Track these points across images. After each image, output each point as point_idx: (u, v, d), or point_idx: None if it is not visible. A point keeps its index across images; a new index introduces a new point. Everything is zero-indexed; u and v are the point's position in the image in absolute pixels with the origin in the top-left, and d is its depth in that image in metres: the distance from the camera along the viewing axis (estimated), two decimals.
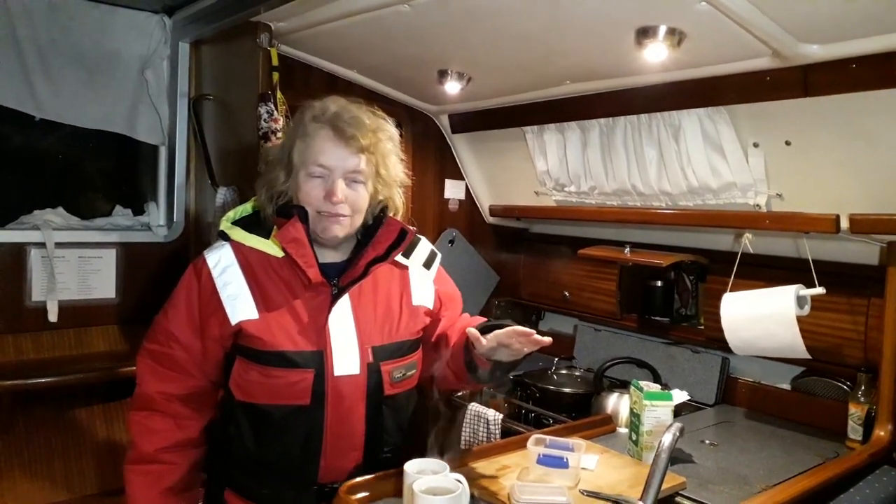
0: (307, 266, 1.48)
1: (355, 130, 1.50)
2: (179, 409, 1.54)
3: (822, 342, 2.17)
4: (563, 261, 3.12)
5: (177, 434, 1.54)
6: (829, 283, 2.05)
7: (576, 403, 2.59)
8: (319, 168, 1.50)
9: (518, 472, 1.65)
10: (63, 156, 2.97)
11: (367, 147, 1.52)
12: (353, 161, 1.51)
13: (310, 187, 1.51)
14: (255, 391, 1.49)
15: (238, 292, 1.50)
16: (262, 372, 1.48)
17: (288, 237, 1.49)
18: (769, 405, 2.40)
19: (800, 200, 2.12)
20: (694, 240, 2.63)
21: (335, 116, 1.51)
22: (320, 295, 1.52)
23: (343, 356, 1.50)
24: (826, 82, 1.83)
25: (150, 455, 1.52)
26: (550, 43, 2.09)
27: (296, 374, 1.47)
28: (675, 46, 1.83)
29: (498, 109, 2.83)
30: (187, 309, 1.54)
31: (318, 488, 1.53)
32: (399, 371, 1.57)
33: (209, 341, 1.53)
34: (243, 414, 1.52)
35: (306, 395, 1.47)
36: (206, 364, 1.55)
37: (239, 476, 1.57)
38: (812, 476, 1.77)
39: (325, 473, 1.52)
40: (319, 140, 1.50)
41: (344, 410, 1.50)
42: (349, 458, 1.54)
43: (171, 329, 1.54)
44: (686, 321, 2.74)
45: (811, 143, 2.00)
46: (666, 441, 1.41)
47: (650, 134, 2.39)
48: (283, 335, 1.48)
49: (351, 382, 1.50)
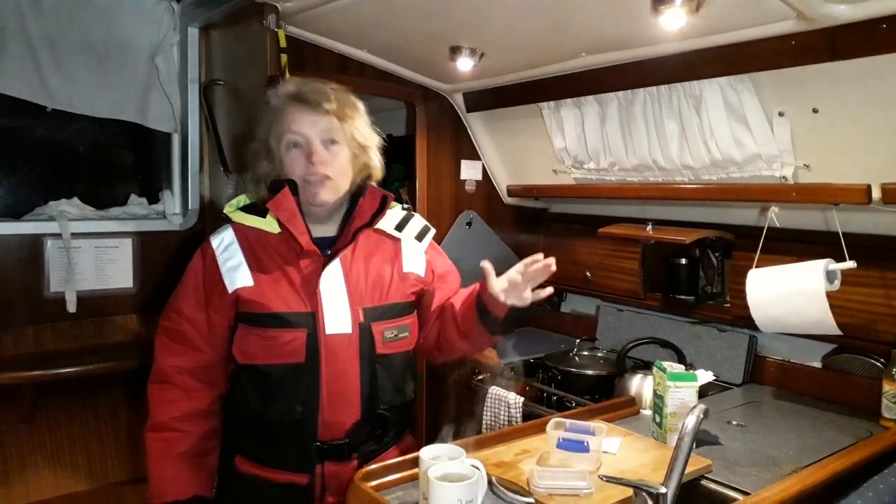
0: (299, 233, 1.61)
1: (317, 97, 1.62)
2: (189, 382, 1.65)
3: (854, 318, 2.10)
4: (583, 240, 3.06)
5: (187, 404, 1.65)
6: (860, 257, 1.99)
7: (598, 385, 2.55)
8: (294, 136, 1.62)
9: (538, 456, 1.62)
10: (77, 146, 2.97)
11: (333, 111, 1.62)
12: (323, 122, 1.62)
13: (291, 158, 1.63)
14: (255, 352, 1.60)
15: (237, 264, 1.63)
16: (259, 334, 1.59)
17: (280, 206, 1.61)
18: (799, 384, 2.33)
19: (828, 171, 2.04)
20: (718, 215, 2.55)
21: (297, 90, 1.64)
22: (313, 262, 1.63)
23: (334, 316, 1.60)
24: (854, 45, 1.75)
25: (163, 423, 1.63)
26: (564, 13, 2.03)
27: (290, 333, 1.58)
28: (693, 12, 1.76)
29: (512, 86, 2.77)
30: (194, 287, 1.66)
31: (318, 446, 1.61)
32: (391, 331, 1.67)
33: (213, 313, 1.64)
34: (247, 377, 1.63)
35: (300, 353, 1.58)
36: (213, 337, 1.66)
37: (246, 441, 1.68)
38: (845, 457, 1.71)
39: (325, 430, 1.61)
40: (288, 113, 1.63)
41: (339, 368, 1.59)
42: (347, 414, 1.61)
43: (179, 306, 1.66)
44: (711, 299, 2.67)
45: (840, 109, 1.92)
46: (689, 423, 1.37)
47: (670, 106, 2.32)
48: (276, 298, 1.59)
49: (343, 340, 1.60)
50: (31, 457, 2.59)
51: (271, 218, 1.65)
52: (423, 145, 3.03)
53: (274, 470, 1.63)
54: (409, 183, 3.08)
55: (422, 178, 3.03)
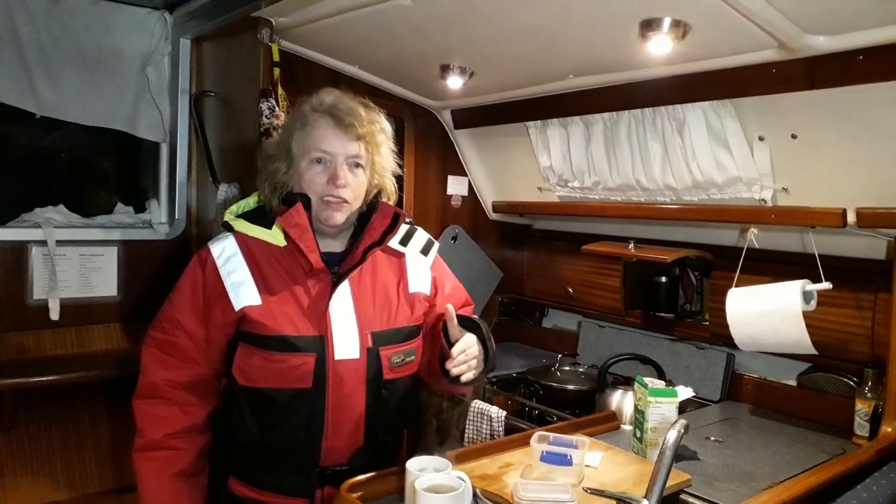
0: (309, 251, 1.52)
1: (353, 119, 1.55)
2: (184, 396, 1.57)
3: (829, 338, 2.15)
4: (566, 257, 3.10)
5: (183, 420, 1.57)
6: (835, 278, 2.03)
7: (580, 400, 2.57)
8: (322, 154, 1.55)
9: (521, 469, 1.63)
10: (64, 153, 2.96)
11: (364, 135, 1.57)
12: (354, 147, 1.56)
13: (313, 174, 1.56)
14: (258, 375, 1.53)
15: (242, 279, 1.54)
16: (264, 356, 1.51)
17: (291, 222, 1.53)
18: (775, 401, 2.38)
19: (806, 194, 2.10)
20: (699, 235, 2.61)
21: (333, 106, 1.57)
22: (321, 282, 1.56)
23: (343, 341, 1.54)
24: (833, 74, 1.81)
25: (158, 441, 1.55)
26: (553, 36, 2.07)
27: (297, 357, 1.51)
28: (679, 39, 1.82)
29: (500, 104, 2.82)
30: (192, 298, 1.57)
31: (319, 471, 1.56)
32: (398, 356, 1.61)
33: (213, 328, 1.56)
34: (246, 399, 1.55)
35: (308, 378, 1.51)
36: (210, 352, 1.58)
37: (242, 463, 1.61)
38: (818, 473, 1.75)
39: (327, 456, 1.56)
40: (320, 128, 1.56)
41: (345, 394, 1.54)
42: (350, 440, 1.57)
43: (176, 317, 1.57)
44: (691, 317, 2.72)
45: (818, 136, 1.98)
46: (670, 438, 1.39)
47: (654, 128, 2.37)
48: (285, 320, 1.52)
49: (351, 366, 1.54)
50: (8, 465, 2.55)
51: (277, 230, 1.56)
52: (410, 160, 3.06)
53: (271, 494, 1.57)
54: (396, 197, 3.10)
55: (408, 192, 3.06)
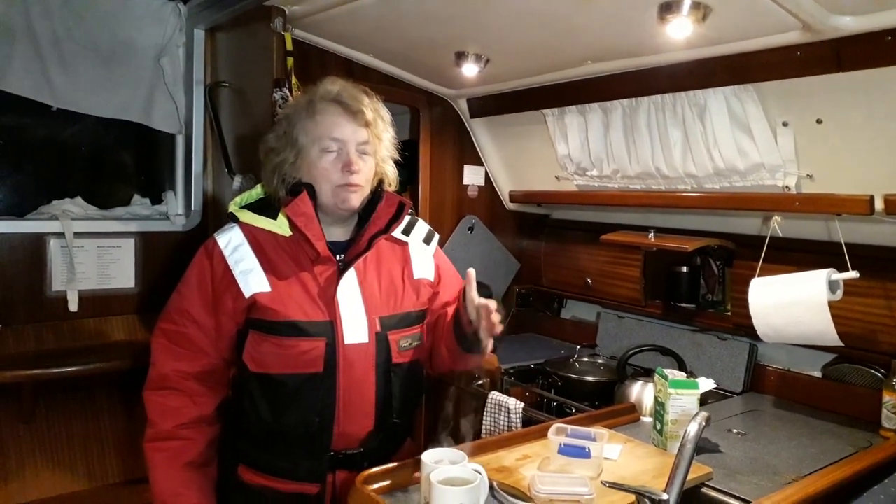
0: (315, 239, 1.56)
1: (360, 105, 1.60)
2: (194, 387, 1.60)
3: (855, 328, 2.10)
4: (585, 247, 3.06)
5: (193, 410, 1.59)
6: (862, 267, 1.98)
7: (599, 392, 2.55)
8: (333, 142, 1.58)
9: (539, 462, 1.62)
10: (81, 146, 2.97)
11: (370, 121, 1.61)
12: (363, 133, 1.61)
13: (325, 162, 1.59)
14: (269, 362, 1.55)
15: (250, 268, 1.57)
16: (275, 342, 1.54)
17: (297, 211, 1.56)
18: (799, 393, 2.34)
19: (831, 181, 2.04)
20: (720, 224, 2.56)
21: (339, 94, 1.61)
22: (328, 269, 1.60)
23: (352, 325, 1.57)
24: (859, 56, 1.75)
25: (168, 432, 1.57)
26: (570, 21, 2.03)
27: (308, 342, 1.54)
28: (699, 21, 1.77)
29: (517, 92, 2.78)
30: (200, 288, 1.60)
31: (331, 456, 1.59)
32: (406, 340, 1.66)
33: (223, 317, 1.59)
34: (258, 385, 1.58)
35: (318, 363, 1.54)
36: (220, 341, 1.61)
37: (253, 451, 1.64)
38: (844, 466, 1.72)
39: (339, 440, 1.58)
40: (330, 116, 1.59)
41: (355, 378, 1.57)
42: (361, 424, 1.60)
43: (185, 308, 1.60)
44: (712, 307, 2.67)
45: (843, 120, 1.92)
46: (691, 430, 1.37)
47: (674, 114, 2.32)
48: (294, 306, 1.55)
49: (361, 350, 1.58)
50: (29, 456, 2.58)
51: (282, 219, 1.60)
52: (426, 150, 3.04)
53: (283, 480, 1.59)
54: (412, 187, 3.08)
55: (424, 182, 3.04)
